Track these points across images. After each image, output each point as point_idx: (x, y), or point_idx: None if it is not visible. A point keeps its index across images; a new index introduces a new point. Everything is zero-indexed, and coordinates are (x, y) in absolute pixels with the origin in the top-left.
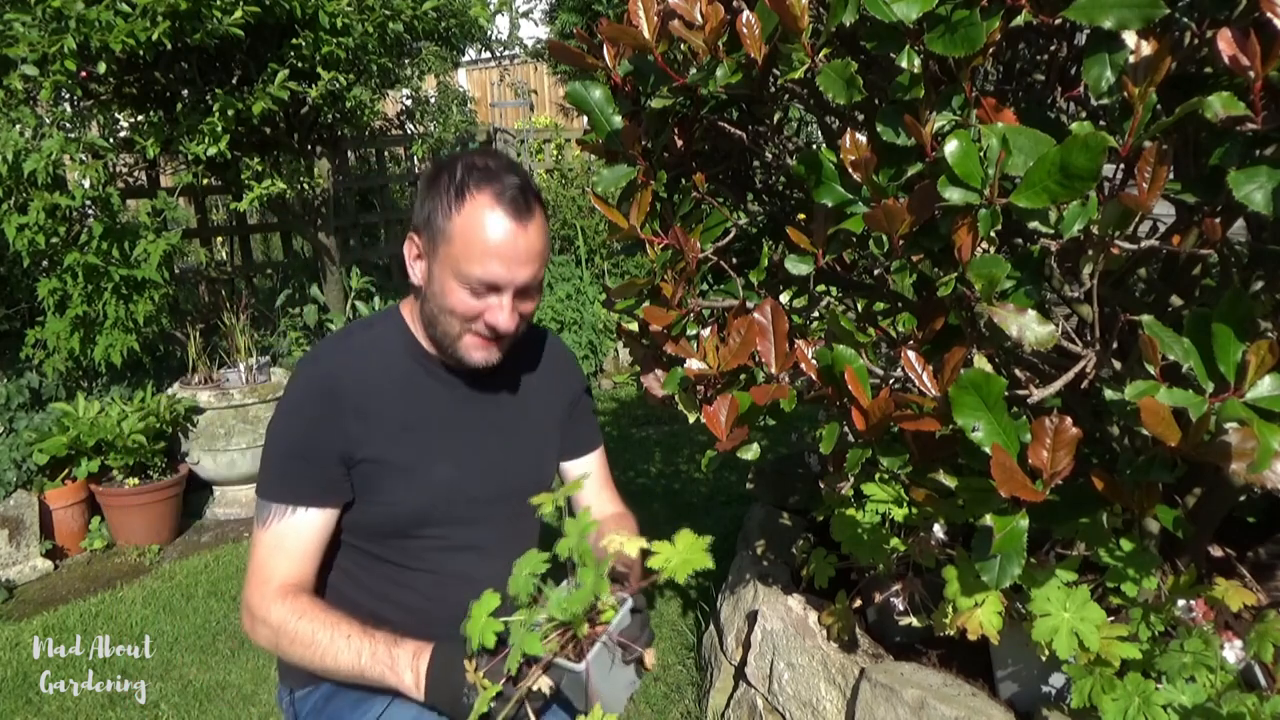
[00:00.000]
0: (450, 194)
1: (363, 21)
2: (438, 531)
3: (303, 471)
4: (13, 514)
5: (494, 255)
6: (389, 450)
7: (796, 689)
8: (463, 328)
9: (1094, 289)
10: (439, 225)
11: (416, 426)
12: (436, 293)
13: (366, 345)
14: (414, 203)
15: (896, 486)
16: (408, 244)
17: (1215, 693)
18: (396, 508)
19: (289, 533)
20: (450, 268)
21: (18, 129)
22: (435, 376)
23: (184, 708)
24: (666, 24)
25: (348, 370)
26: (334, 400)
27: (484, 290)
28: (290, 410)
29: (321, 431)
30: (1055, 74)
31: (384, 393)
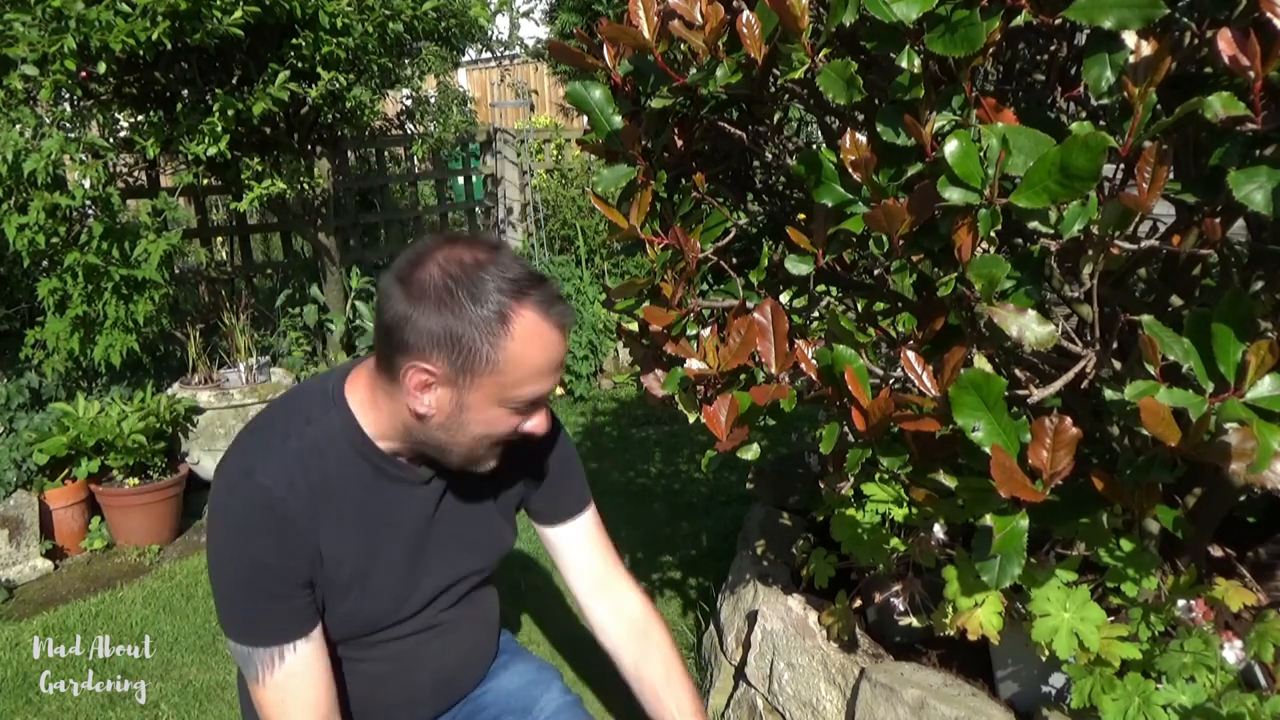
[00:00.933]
0: (485, 315)
1: (363, 21)
2: (392, 629)
3: (277, 608)
4: (13, 514)
5: (550, 373)
6: (337, 566)
7: (796, 689)
8: (492, 449)
9: (1094, 289)
10: (482, 354)
11: (368, 537)
12: (470, 422)
13: (308, 451)
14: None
15: (896, 486)
16: (412, 373)
17: (1215, 693)
18: (349, 620)
19: (295, 679)
20: (497, 396)
21: (18, 129)
22: (391, 478)
23: (184, 708)
24: (666, 24)
25: (291, 488)
26: (284, 527)
27: (528, 408)
28: (235, 539)
29: (282, 564)
30: (1055, 74)
31: (331, 507)
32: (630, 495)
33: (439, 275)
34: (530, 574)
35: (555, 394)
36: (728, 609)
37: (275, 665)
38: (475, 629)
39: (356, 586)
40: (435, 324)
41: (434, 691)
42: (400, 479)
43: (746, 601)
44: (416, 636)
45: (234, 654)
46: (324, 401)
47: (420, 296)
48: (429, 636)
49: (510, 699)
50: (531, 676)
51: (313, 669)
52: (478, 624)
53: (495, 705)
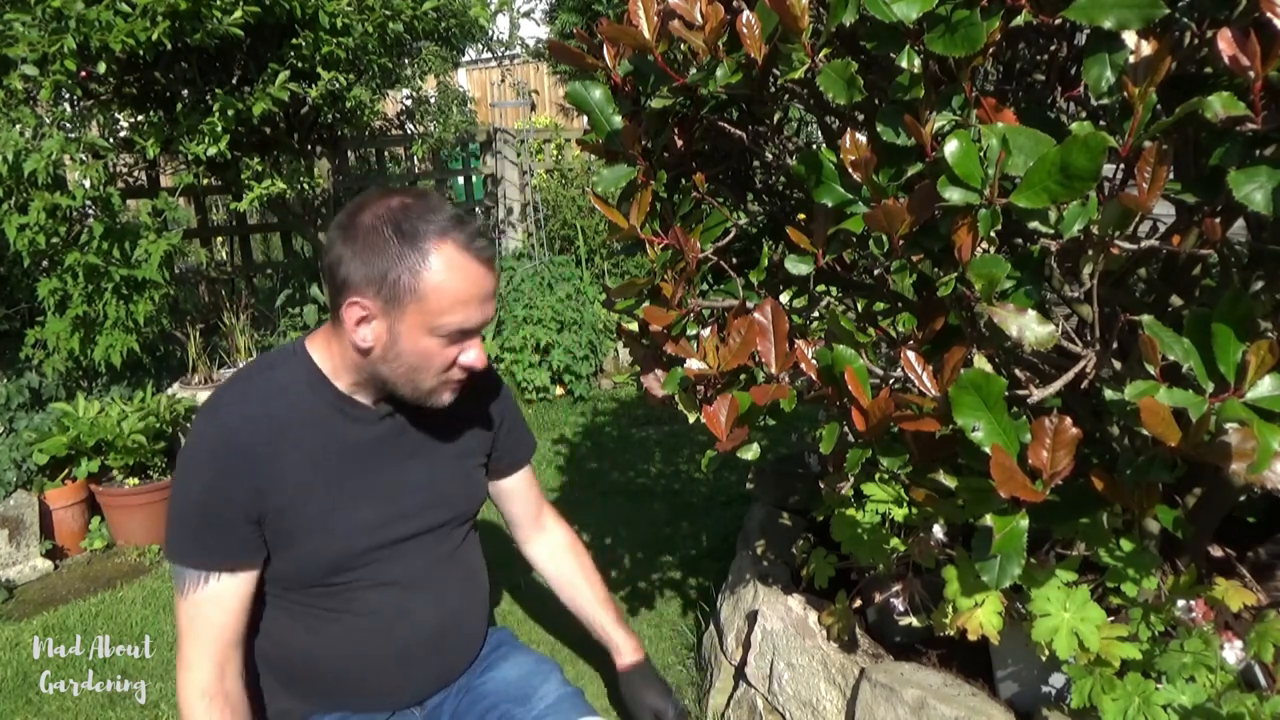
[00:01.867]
0: (408, 249)
1: (363, 21)
2: (362, 573)
3: (212, 535)
4: (13, 514)
5: (473, 302)
6: (301, 501)
7: (796, 689)
8: (438, 379)
9: (1094, 289)
10: (404, 283)
11: (329, 472)
12: (405, 351)
13: (268, 391)
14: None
15: (896, 486)
16: (348, 309)
17: (1215, 693)
18: (315, 557)
19: (208, 602)
20: (423, 324)
21: (18, 129)
22: (349, 416)
23: None
24: (666, 24)
25: (248, 421)
26: (235, 457)
27: (459, 337)
28: (190, 469)
29: (226, 492)
30: (1055, 74)
31: (290, 441)
32: (630, 495)
33: (370, 219)
34: (530, 574)
35: (555, 394)
36: (728, 609)
37: (198, 585)
38: (462, 589)
39: (321, 520)
40: (366, 262)
41: (428, 649)
42: (360, 417)
43: (746, 601)
44: (396, 589)
45: (173, 571)
46: (287, 352)
47: (353, 239)
48: (415, 588)
49: (510, 688)
50: (531, 667)
51: (226, 599)
52: (464, 584)
53: (495, 694)
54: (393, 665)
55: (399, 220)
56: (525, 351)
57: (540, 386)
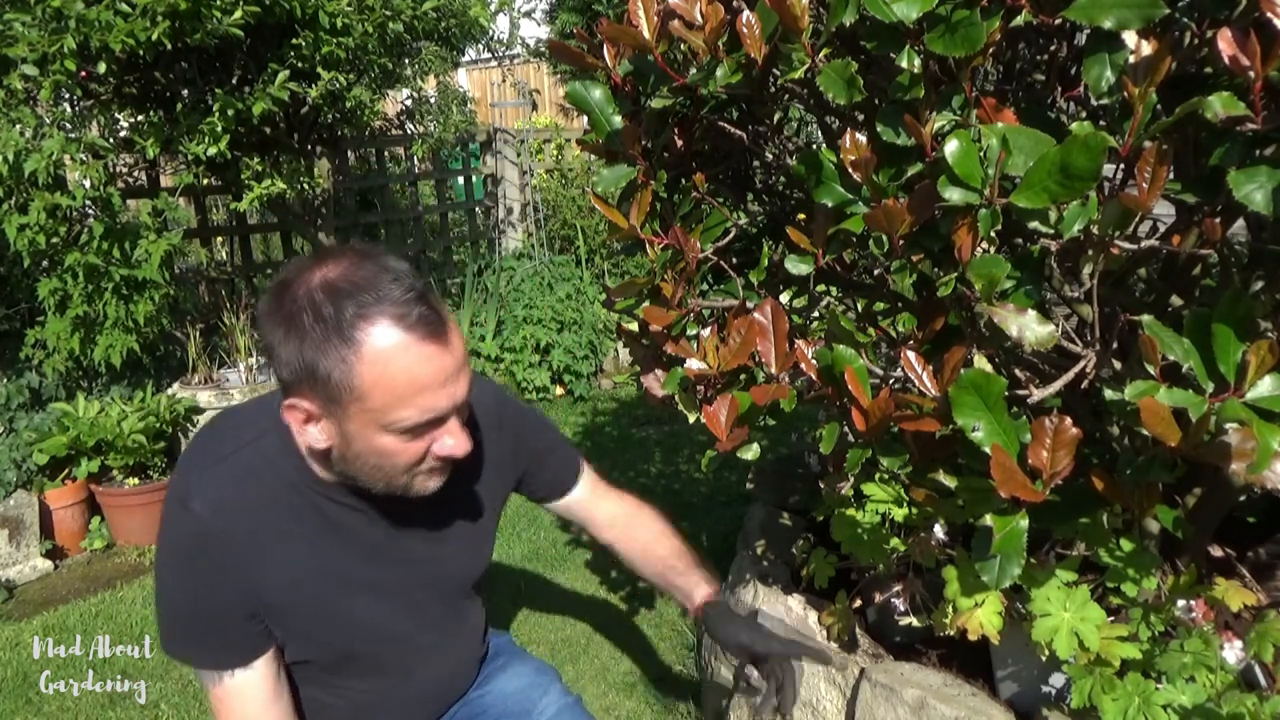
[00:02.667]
0: (334, 338)
1: (363, 21)
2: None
3: (214, 637)
4: (13, 514)
5: (427, 390)
6: (294, 596)
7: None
8: (410, 475)
9: (1094, 289)
10: (337, 381)
11: (322, 564)
12: (362, 452)
13: (243, 474)
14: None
15: (896, 486)
16: (289, 411)
17: (1215, 693)
18: (318, 652)
19: (237, 696)
20: (374, 423)
21: (18, 129)
22: (338, 503)
23: (184, 708)
24: (666, 24)
25: (220, 514)
26: (213, 557)
27: (424, 429)
28: (171, 572)
29: (213, 596)
30: (1055, 74)
31: (271, 533)
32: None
33: (292, 300)
34: (530, 574)
35: (555, 394)
36: None
37: (218, 682)
38: (461, 643)
39: (325, 610)
40: (292, 354)
41: (423, 704)
42: (350, 505)
43: (746, 601)
44: (397, 659)
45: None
46: (259, 423)
47: (279, 324)
48: (415, 660)
49: (509, 701)
50: (530, 679)
51: (253, 691)
52: (463, 637)
53: (495, 708)
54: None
55: (320, 301)
56: (525, 351)
57: (540, 386)
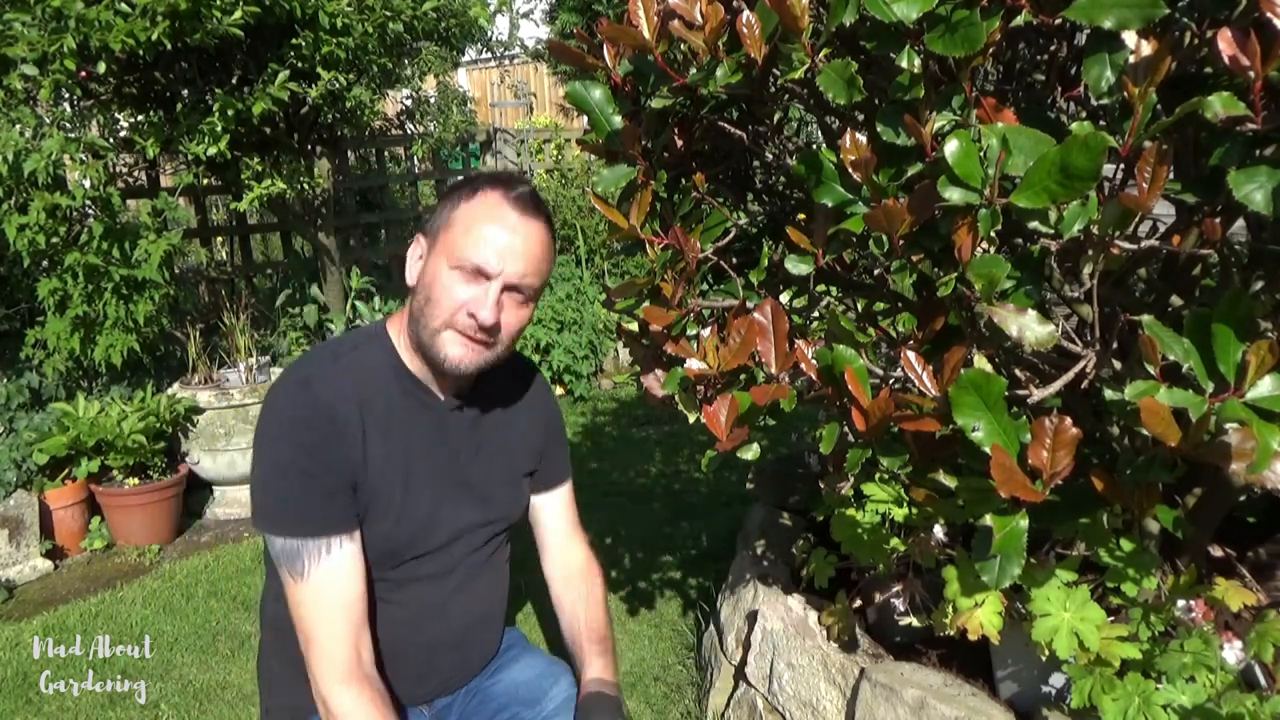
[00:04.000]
0: (463, 191)
1: (363, 21)
2: (412, 565)
3: (322, 501)
4: (13, 514)
5: (490, 239)
6: (380, 479)
7: (796, 689)
8: (445, 319)
9: (1094, 289)
10: (445, 218)
11: (403, 457)
12: (427, 282)
13: (354, 366)
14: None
15: (896, 486)
16: (413, 245)
17: (1215, 693)
18: (383, 542)
19: (334, 578)
20: (445, 253)
21: (18, 129)
22: (421, 400)
23: (184, 708)
24: (666, 24)
25: (341, 395)
26: (334, 426)
27: (473, 276)
28: (290, 435)
29: (330, 456)
30: (1055, 74)
31: (373, 421)
32: (630, 495)
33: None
34: (530, 574)
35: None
36: (728, 609)
37: (320, 558)
38: (492, 590)
39: (393, 502)
40: (438, 211)
41: (452, 647)
42: (430, 403)
43: (746, 601)
44: (437, 582)
45: (278, 555)
46: (369, 334)
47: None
48: (451, 583)
49: (520, 689)
50: (541, 670)
51: (352, 567)
52: (495, 586)
53: (505, 695)
54: (420, 658)
55: (484, 177)
56: (525, 351)
57: None
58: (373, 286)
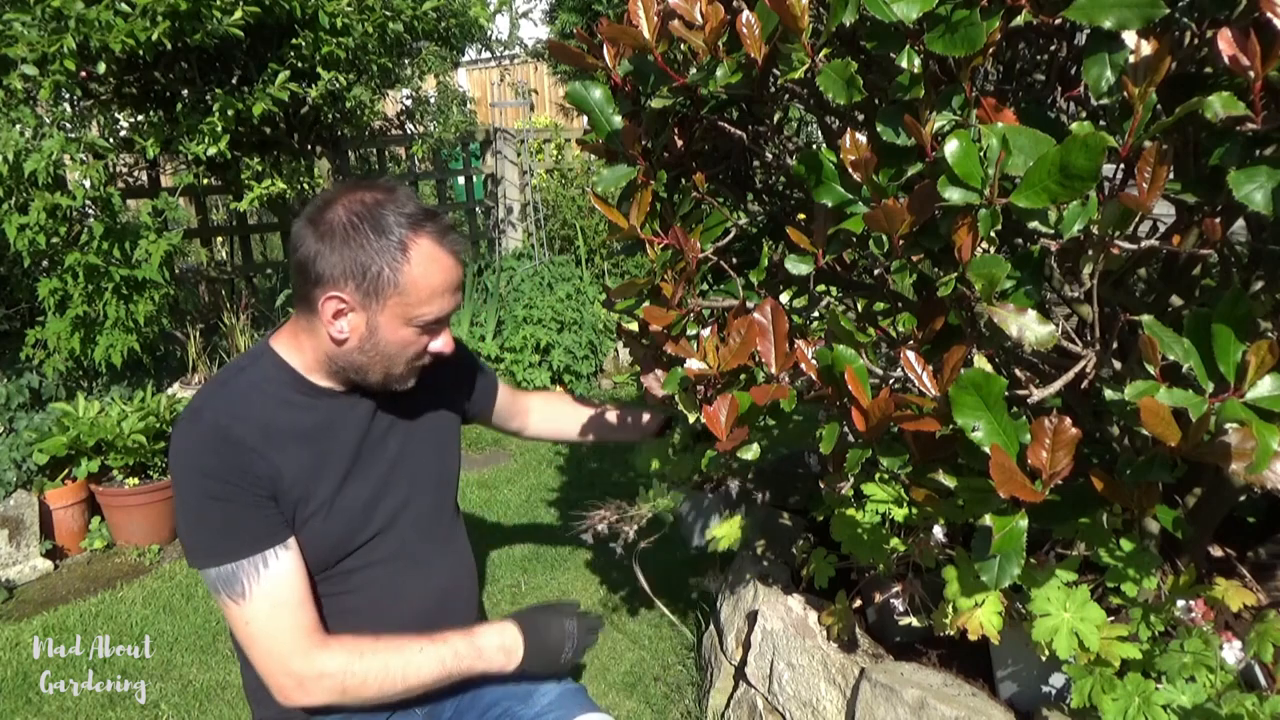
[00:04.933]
0: (386, 244)
1: (363, 21)
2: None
3: (244, 518)
4: (13, 514)
5: (448, 294)
6: (298, 490)
7: (796, 689)
8: (408, 366)
9: (1094, 289)
10: (386, 277)
11: (316, 459)
12: (381, 342)
13: (246, 390)
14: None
15: (896, 486)
16: (326, 303)
17: (1215, 693)
18: (319, 542)
19: (276, 588)
20: (402, 316)
21: (18, 129)
22: (325, 405)
23: (184, 708)
24: (666, 24)
25: (234, 415)
26: (234, 446)
27: (432, 326)
28: (196, 468)
29: (240, 477)
30: (1055, 74)
31: (275, 435)
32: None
33: (344, 214)
34: (530, 574)
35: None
36: (728, 609)
37: (259, 573)
38: (449, 568)
39: (315, 507)
40: (344, 256)
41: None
42: (333, 405)
43: (746, 601)
44: (387, 565)
45: (215, 584)
46: (254, 355)
47: (328, 234)
48: (401, 567)
49: (512, 685)
50: None
51: (294, 573)
52: (451, 563)
53: (497, 691)
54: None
55: (374, 215)
56: (525, 351)
57: (540, 386)
58: None
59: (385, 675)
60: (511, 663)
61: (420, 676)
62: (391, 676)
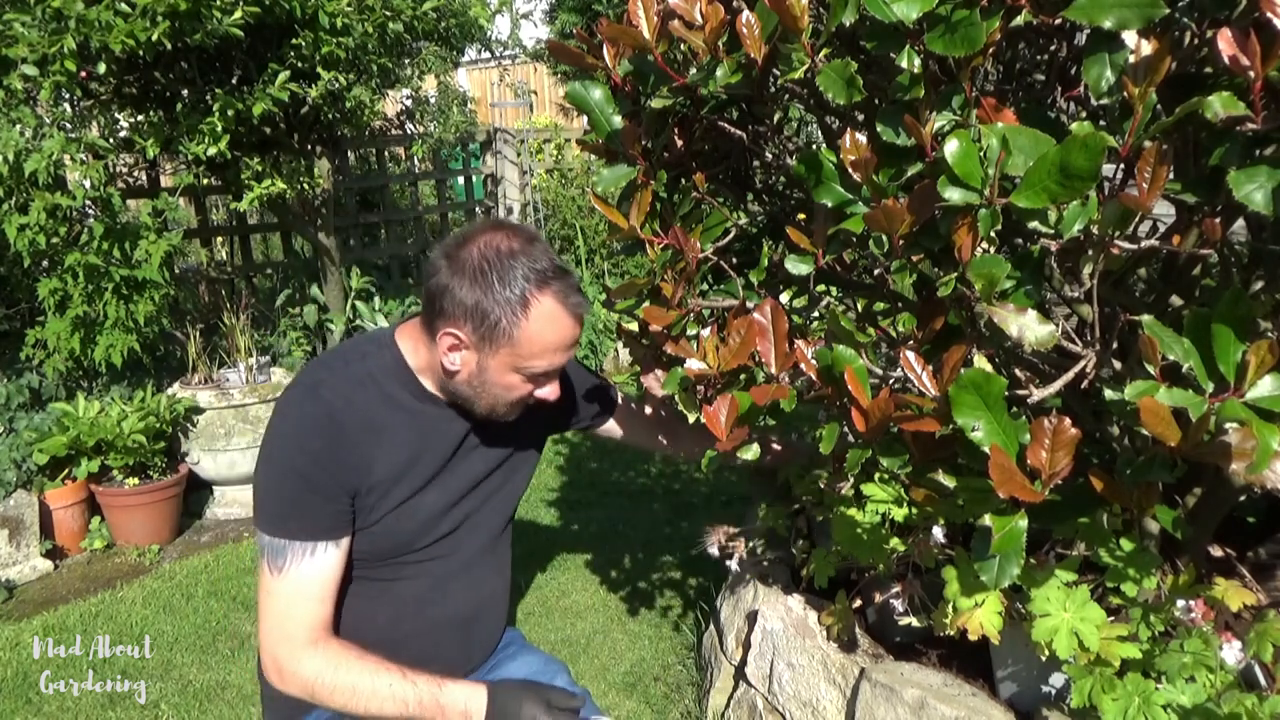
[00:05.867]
0: (509, 296)
1: (363, 21)
2: (420, 554)
3: (317, 507)
4: (13, 514)
5: (561, 351)
6: (387, 484)
7: (796, 689)
8: (511, 407)
9: (1094, 289)
10: (502, 328)
11: (410, 458)
12: (489, 383)
13: (364, 377)
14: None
15: (896, 486)
16: (444, 336)
17: (1215, 693)
18: (389, 537)
19: (311, 576)
20: (511, 365)
21: (18, 129)
22: (429, 409)
23: (184, 708)
24: (666, 24)
25: (349, 404)
26: (340, 434)
27: (541, 378)
28: (295, 442)
29: (332, 464)
30: (1055, 74)
31: (380, 426)
32: (630, 495)
33: (478, 256)
34: (530, 574)
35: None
36: (728, 609)
37: (303, 558)
38: (493, 577)
39: (397, 500)
40: (469, 297)
41: (456, 630)
42: (437, 411)
43: (746, 601)
44: (442, 564)
45: (264, 548)
46: (378, 343)
47: (459, 272)
48: (453, 571)
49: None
50: (539, 667)
51: (332, 570)
52: (495, 573)
53: None
54: (423, 641)
55: (504, 264)
56: None
57: None
58: (372, 286)
59: (352, 695)
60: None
61: (382, 708)
62: (358, 698)
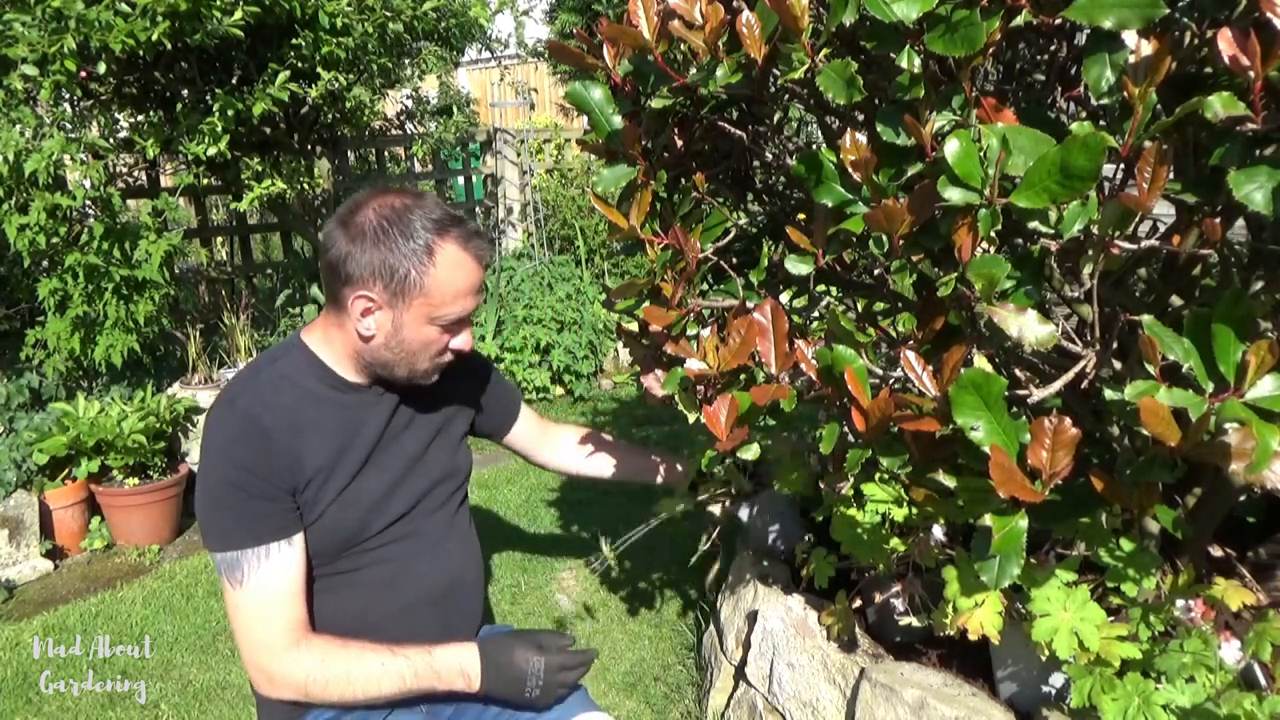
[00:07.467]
0: (414, 247)
1: (363, 21)
2: (374, 540)
3: (258, 511)
4: (13, 514)
5: (470, 295)
6: (321, 479)
7: (796, 689)
8: (431, 363)
9: (1094, 289)
10: (412, 279)
11: (339, 450)
12: (406, 339)
13: (278, 379)
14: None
15: (896, 486)
16: (355, 301)
17: (1215, 693)
18: (336, 530)
19: (272, 579)
20: (426, 315)
21: (18, 129)
22: (351, 398)
23: (184, 708)
24: (666, 24)
25: (268, 407)
26: (264, 437)
27: (454, 326)
28: (222, 456)
29: (263, 467)
30: (1055, 74)
31: (304, 424)
32: (630, 495)
33: (375, 218)
34: (530, 574)
35: (555, 394)
36: (728, 609)
37: (260, 563)
38: (460, 550)
39: (335, 490)
40: (375, 258)
41: (430, 604)
42: (359, 399)
43: (746, 601)
44: (403, 544)
45: (220, 566)
46: (286, 346)
47: (359, 237)
48: (414, 545)
49: None
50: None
51: (291, 568)
52: (461, 546)
53: None
54: (397, 624)
55: (404, 218)
56: (525, 351)
57: (540, 386)
58: None
59: (347, 683)
60: (471, 686)
61: (380, 689)
62: (353, 685)
